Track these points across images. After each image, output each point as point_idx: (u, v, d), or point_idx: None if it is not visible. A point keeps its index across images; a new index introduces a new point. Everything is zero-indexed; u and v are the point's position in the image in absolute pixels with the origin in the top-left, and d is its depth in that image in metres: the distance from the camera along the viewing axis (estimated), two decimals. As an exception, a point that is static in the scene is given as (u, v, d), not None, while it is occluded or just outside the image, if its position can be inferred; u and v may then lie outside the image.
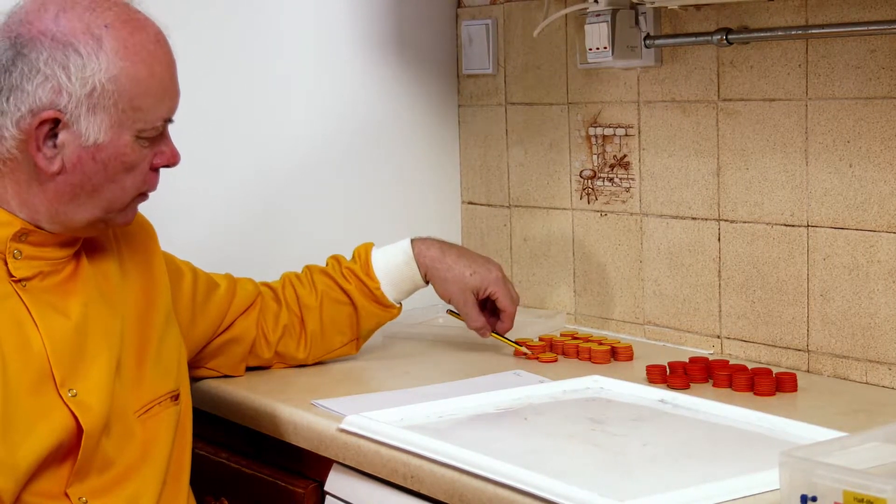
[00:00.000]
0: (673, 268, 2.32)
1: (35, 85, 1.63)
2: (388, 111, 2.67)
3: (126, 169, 1.70)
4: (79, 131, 1.65)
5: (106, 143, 1.67)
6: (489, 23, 2.64)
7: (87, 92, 1.64)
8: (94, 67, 1.63)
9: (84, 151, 1.66)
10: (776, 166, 2.12)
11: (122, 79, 1.65)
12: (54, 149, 1.66)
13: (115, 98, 1.65)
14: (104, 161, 1.68)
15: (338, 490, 1.82)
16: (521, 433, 1.77)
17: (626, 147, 2.39)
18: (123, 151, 1.68)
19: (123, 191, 1.71)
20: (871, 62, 1.96)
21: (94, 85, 1.64)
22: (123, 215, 1.75)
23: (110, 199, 1.71)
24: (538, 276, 2.61)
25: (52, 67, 1.63)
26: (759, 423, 1.75)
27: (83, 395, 1.68)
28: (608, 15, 2.23)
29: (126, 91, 1.66)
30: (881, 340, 1.98)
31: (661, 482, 1.50)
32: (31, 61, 1.63)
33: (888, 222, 1.96)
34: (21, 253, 1.68)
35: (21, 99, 1.63)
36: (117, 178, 1.70)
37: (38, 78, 1.63)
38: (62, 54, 1.63)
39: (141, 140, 1.70)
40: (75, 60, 1.63)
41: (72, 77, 1.63)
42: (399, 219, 2.70)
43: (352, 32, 2.61)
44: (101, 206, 1.71)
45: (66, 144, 1.66)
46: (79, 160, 1.66)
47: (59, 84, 1.63)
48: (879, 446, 1.46)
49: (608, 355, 2.20)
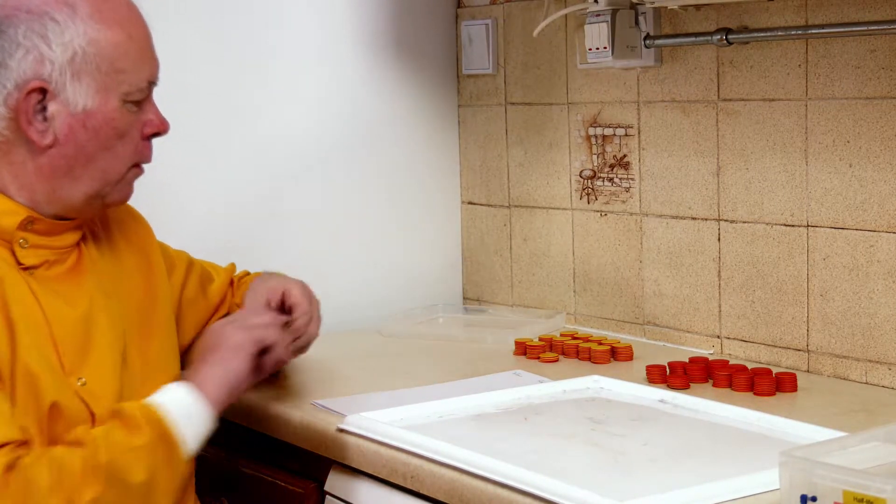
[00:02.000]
0: (673, 268, 2.32)
1: (17, 59, 1.65)
2: (388, 111, 2.67)
3: (118, 135, 1.71)
4: (66, 99, 1.66)
5: (94, 108, 1.68)
6: (489, 23, 2.64)
7: (69, 57, 1.65)
8: (72, 33, 1.65)
9: (74, 119, 1.67)
10: (776, 166, 2.12)
11: (102, 42, 1.67)
12: (45, 122, 1.67)
13: (97, 61, 1.67)
14: (95, 128, 1.69)
15: (338, 490, 1.82)
16: (521, 433, 1.77)
17: (626, 147, 2.39)
18: (112, 116, 1.70)
19: (117, 159, 1.72)
20: (871, 62, 1.96)
21: (75, 49, 1.65)
22: (120, 190, 1.76)
23: (105, 169, 1.72)
24: (538, 276, 2.61)
25: (32, 39, 1.64)
26: (759, 423, 1.75)
27: (92, 384, 1.69)
28: (608, 15, 2.24)
29: (107, 54, 1.67)
30: (881, 340, 1.98)
31: (661, 482, 1.51)
32: (10, 37, 1.65)
33: (888, 222, 1.96)
34: (27, 241, 1.69)
35: (6, 76, 1.65)
36: (110, 144, 1.71)
37: (20, 52, 1.64)
38: (39, 24, 1.65)
39: (128, 105, 1.71)
40: (53, 28, 1.65)
41: (52, 45, 1.65)
42: (399, 218, 2.70)
43: (352, 32, 2.61)
44: (97, 178, 1.72)
45: (55, 115, 1.67)
46: (70, 130, 1.68)
47: (40, 54, 1.65)
48: (879, 446, 1.46)
49: (608, 355, 2.20)
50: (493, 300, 2.72)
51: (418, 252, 2.73)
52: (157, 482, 1.61)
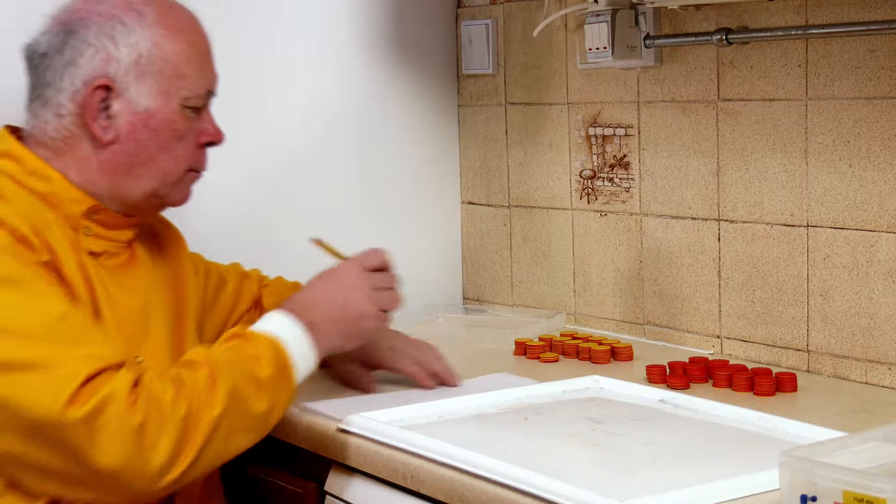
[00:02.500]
0: (673, 268, 2.32)
1: (86, 58, 1.74)
2: (388, 111, 2.67)
3: (176, 137, 1.79)
4: (129, 98, 1.75)
5: (155, 109, 1.77)
6: (489, 23, 2.64)
7: (135, 59, 1.75)
8: (139, 36, 1.76)
9: (136, 118, 1.76)
10: (776, 166, 2.12)
11: (166, 47, 1.77)
12: (108, 119, 1.76)
13: (160, 64, 1.76)
14: (155, 128, 1.77)
15: (338, 490, 1.82)
16: (521, 433, 1.77)
17: (626, 147, 2.39)
18: (172, 118, 1.78)
19: (175, 160, 1.80)
20: (871, 62, 1.96)
21: (141, 51, 1.75)
22: (178, 191, 1.84)
23: (164, 169, 1.80)
24: (538, 276, 2.61)
25: (101, 40, 1.75)
26: (759, 423, 1.75)
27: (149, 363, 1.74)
28: (608, 15, 2.24)
29: (170, 58, 1.77)
30: (881, 340, 1.98)
31: (661, 482, 1.50)
32: (81, 37, 1.75)
33: (888, 222, 1.96)
34: (90, 230, 1.77)
35: (74, 74, 1.75)
36: (168, 146, 1.79)
37: (89, 51, 1.74)
38: (109, 26, 1.75)
39: (187, 110, 1.80)
40: (121, 30, 1.75)
41: (119, 46, 1.75)
42: (399, 219, 2.70)
43: (352, 32, 2.61)
44: (156, 178, 1.80)
45: (119, 113, 1.76)
46: (132, 128, 1.76)
47: (108, 54, 1.74)
48: (879, 446, 1.46)
49: (608, 355, 2.20)
50: (493, 300, 2.72)
51: (418, 252, 2.73)
52: (273, 414, 1.71)
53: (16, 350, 1.56)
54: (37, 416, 1.54)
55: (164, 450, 1.57)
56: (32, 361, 1.55)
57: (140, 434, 1.56)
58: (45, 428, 1.54)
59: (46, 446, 1.55)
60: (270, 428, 1.72)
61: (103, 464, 1.55)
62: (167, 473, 1.58)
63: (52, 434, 1.54)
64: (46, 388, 1.54)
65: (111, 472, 1.55)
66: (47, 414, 1.53)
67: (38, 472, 1.59)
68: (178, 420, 1.58)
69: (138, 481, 1.57)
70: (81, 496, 1.61)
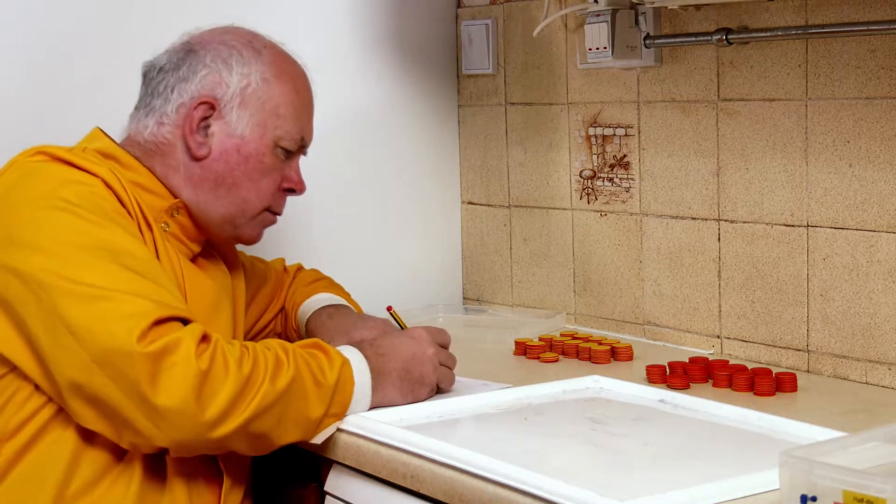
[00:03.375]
0: (673, 268, 2.32)
1: (199, 77, 1.86)
2: (388, 111, 2.67)
3: (263, 171, 1.88)
4: (229, 122, 1.85)
5: (250, 138, 1.86)
6: (489, 23, 2.64)
7: (243, 86, 1.86)
8: (251, 68, 1.87)
9: (230, 142, 1.86)
10: (776, 166, 2.12)
11: (273, 84, 1.88)
12: (205, 136, 1.85)
13: (264, 99, 1.87)
14: (246, 156, 1.86)
15: (338, 490, 1.82)
16: (521, 433, 1.77)
17: (626, 147, 2.39)
18: (263, 152, 1.87)
19: (257, 193, 1.89)
20: (871, 62, 1.96)
21: (250, 82, 1.86)
22: (252, 227, 1.92)
23: (245, 198, 1.88)
24: (538, 276, 2.61)
25: (216, 63, 1.87)
26: (759, 423, 1.75)
27: None
28: (608, 15, 2.24)
29: (274, 96, 1.88)
30: (881, 340, 1.98)
31: (661, 482, 1.50)
32: (200, 58, 1.87)
33: (888, 222, 1.96)
34: (168, 226, 1.85)
35: (184, 88, 1.86)
36: (254, 177, 1.88)
37: (203, 71, 1.86)
38: (227, 54, 1.87)
39: (279, 149, 1.89)
40: (237, 59, 1.87)
41: (232, 72, 1.86)
42: (399, 218, 2.70)
43: (352, 32, 2.61)
44: (235, 204, 1.88)
45: (215, 134, 1.85)
46: (224, 150, 1.86)
47: (220, 77, 1.86)
48: (879, 446, 1.46)
49: (608, 355, 2.20)
50: (493, 300, 2.72)
51: (418, 252, 2.73)
52: (324, 422, 1.74)
53: (96, 279, 1.62)
54: (108, 344, 1.58)
55: (222, 402, 1.60)
56: (111, 292, 1.61)
57: (202, 381, 1.59)
58: (113, 357, 1.58)
59: (110, 377, 1.59)
60: (316, 435, 1.74)
61: (161, 403, 1.58)
62: (219, 426, 1.61)
63: (119, 364, 1.58)
64: (120, 320, 1.59)
65: (167, 412, 1.58)
66: (119, 344, 1.58)
67: (93, 403, 1.62)
68: (241, 378, 1.62)
69: (190, 427, 1.60)
70: (129, 436, 1.63)
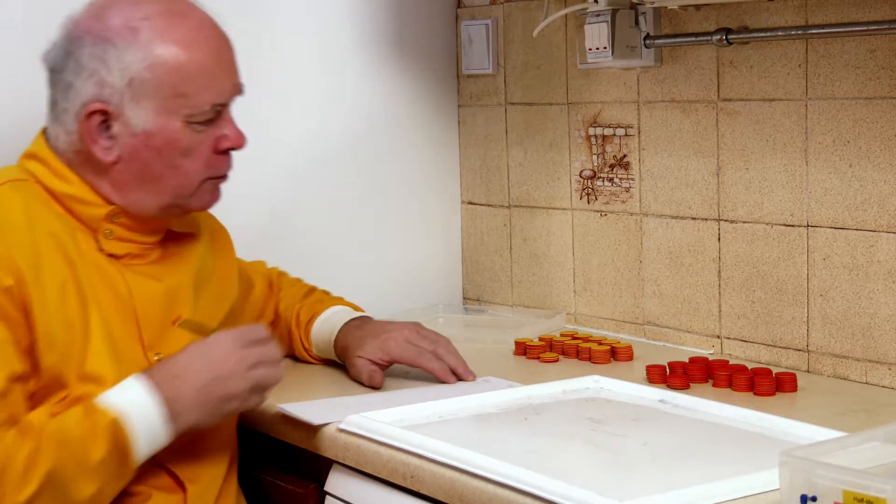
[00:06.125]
0: (673, 268, 2.32)
1: (82, 80, 1.73)
2: (388, 111, 2.67)
3: (182, 154, 1.77)
4: (127, 120, 1.74)
5: (155, 130, 1.75)
6: (489, 23, 2.64)
7: (126, 82, 1.72)
8: (130, 59, 1.72)
9: (136, 139, 1.75)
10: (776, 166, 2.12)
11: (159, 67, 1.73)
12: (110, 140, 1.75)
13: (154, 86, 1.73)
14: (158, 148, 1.76)
15: (338, 490, 1.82)
16: (521, 433, 1.77)
17: (626, 147, 2.39)
18: (175, 137, 1.76)
19: (185, 176, 1.79)
20: (871, 62, 1.96)
21: (132, 75, 1.72)
22: (197, 199, 1.82)
23: (175, 185, 1.79)
24: (538, 276, 2.61)
25: (94, 63, 1.72)
26: (759, 423, 1.75)
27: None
28: (608, 15, 2.24)
29: (166, 78, 1.73)
30: (881, 340, 1.98)
31: (661, 482, 1.50)
32: (77, 59, 1.73)
33: (888, 222, 1.96)
34: (112, 233, 1.78)
35: (74, 95, 1.74)
36: (175, 163, 1.77)
37: (84, 73, 1.73)
38: (101, 49, 1.72)
39: (193, 125, 1.77)
40: (112, 54, 1.72)
41: (111, 70, 1.72)
42: (399, 218, 2.70)
43: (352, 32, 2.61)
44: (167, 192, 1.79)
45: (119, 135, 1.75)
46: (133, 149, 1.75)
47: (101, 78, 1.72)
48: (879, 446, 1.46)
49: (608, 355, 2.20)
50: (493, 300, 2.72)
51: (418, 252, 2.73)
52: (100, 499, 1.63)
53: None
54: None
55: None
56: None
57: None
58: None
59: None
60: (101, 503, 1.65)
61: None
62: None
63: None
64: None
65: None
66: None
67: None
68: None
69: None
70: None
